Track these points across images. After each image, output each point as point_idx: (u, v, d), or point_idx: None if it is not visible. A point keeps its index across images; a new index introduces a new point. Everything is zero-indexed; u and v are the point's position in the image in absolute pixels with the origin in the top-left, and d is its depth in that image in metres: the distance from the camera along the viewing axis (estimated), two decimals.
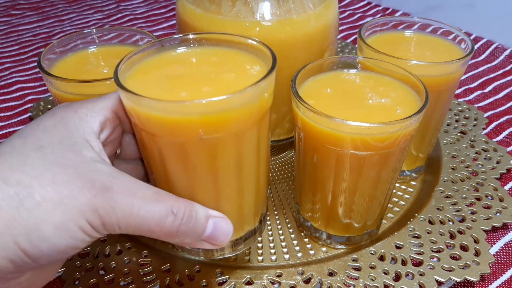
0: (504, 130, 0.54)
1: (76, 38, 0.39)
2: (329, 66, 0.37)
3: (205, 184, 0.28)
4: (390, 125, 0.30)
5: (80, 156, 0.25)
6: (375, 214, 0.37)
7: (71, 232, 0.23)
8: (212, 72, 0.29)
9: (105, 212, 0.24)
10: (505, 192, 0.43)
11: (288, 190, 0.45)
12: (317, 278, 0.35)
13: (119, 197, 0.24)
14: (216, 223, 0.28)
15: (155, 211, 0.25)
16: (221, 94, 0.24)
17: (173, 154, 0.27)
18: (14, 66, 0.68)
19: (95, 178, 0.24)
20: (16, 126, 0.56)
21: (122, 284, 0.35)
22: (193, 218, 0.26)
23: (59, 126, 0.26)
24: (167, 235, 0.26)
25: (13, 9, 0.86)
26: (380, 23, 0.45)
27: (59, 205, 0.23)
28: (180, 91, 0.28)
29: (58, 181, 0.23)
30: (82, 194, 0.23)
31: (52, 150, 0.24)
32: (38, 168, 0.23)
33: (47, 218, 0.22)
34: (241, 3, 0.37)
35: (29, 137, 0.25)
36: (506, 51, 0.71)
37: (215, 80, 0.29)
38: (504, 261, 0.39)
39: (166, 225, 0.25)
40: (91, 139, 0.26)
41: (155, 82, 0.29)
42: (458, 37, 0.43)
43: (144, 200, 0.25)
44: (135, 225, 0.25)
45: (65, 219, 0.23)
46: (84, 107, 0.27)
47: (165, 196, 0.26)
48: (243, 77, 0.29)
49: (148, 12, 0.87)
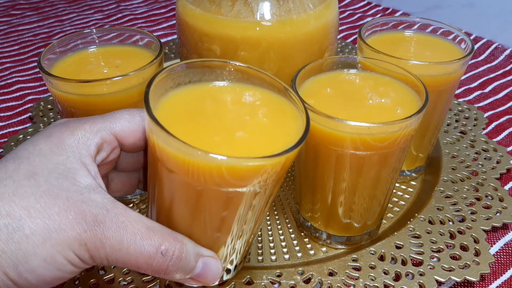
0: (504, 130, 0.54)
1: (76, 38, 0.39)
2: (329, 66, 0.37)
3: (205, 228, 0.28)
4: (390, 125, 0.30)
5: (74, 185, 0.25)
6: (375, 214, 0.37)
7: (58, 264, 0.24)
8: (248, 115, 0.29)
9: (94, 247, 0.24)
10: (505, 192, 0.43)
11: (288, 190, 0.45)
12: (317, 278, 0.35)
13: (109, 232, 0.24)
14: (206, 263, 0.28)
15: (144, 250, 0.25)
16: (254, 143, 0.24)
17: (184, 193, 0.27)
18: (14, 66, 0.68)
19: (87, 210, 0.24)
20: (16, 126, 0.56)
21: (122, 284, 0.35)
22: (182, 259, 0.26)
23: (55, 149, 0.25)
24: (155, 272, 0.26)
25: (13, 9, 0.86)
26: (380, 23, 0.45)
27: (47, 239, 0.23)
28: (213, 134, 0.27)
29: (49, 212, 0.23)
30: (72, 228, 0.23)
31: (46, 179, 0.24)
32: (29, 198, 0.23)
33: (35, 251, 0.23)
34: (241, 3, 0.37)
35: (24, 162, 0.25)
36: (506, 51, 0.71)
37: (250, 124, 0.28)
38: (504, 261, 0.39)
39: (154, 264, 0.25)
40: (87, 162, 0.26)
41: (188, 118, 0.28)
42: (458, 37, 0.43)
43: (135, 236, 0.25)
44: (123, 260, 0.25)
45: (53, 253, 0.23)
46: (82, 128, 0.27)
47: (156, 232, 0.26)
48: (277, 130, 0.28)
49: (148, 12, 0.87)
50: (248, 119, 0.28)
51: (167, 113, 0.28)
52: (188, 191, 0.26)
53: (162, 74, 0.28)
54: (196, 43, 0.40)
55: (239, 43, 0.38)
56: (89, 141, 0.27)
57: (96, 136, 0.27)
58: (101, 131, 0.27)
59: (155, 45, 0.40)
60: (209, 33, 0.38)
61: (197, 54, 0.41)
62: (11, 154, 0.26)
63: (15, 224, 0.23)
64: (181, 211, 0.28)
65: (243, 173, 0.24)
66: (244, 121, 0.28)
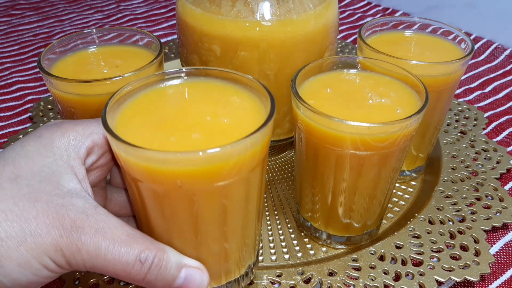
0: (504, 130, 0.54)
1: (76, 38, 0.39)
2: (329, 66, 0.37)
3: (183, 232, 0.27)
4: (390, 125, 0.30)
5: (57, 188, 0.24)
6: (375, 214, 0.37)
7: (33, 269, 0.23)
8: (205, 113, 0.28)
9: (70, 252, 0.24)
10: (505, 192, 0.43)
11: (288, 190, 0.45)
12: (317, 278, 0.35)
13: (86, 238, 0.24)
14: (189, 274, 0.27)
15: (122, 257, 0.24)
16: (209, 142, 0.24)
17: (153, 199, 0.26)
18: (14, 66, 0.68)
19: (66, 214, 0.24)
20: (16, 126, 0.56)
21: (122, 284, 0.35)
22: (162, 268, 0.25)
23: (42, 151, 0.25)
24: (134, 281, 0.25)
25: (13, 9, 0.86)
26: (380, 23, 0.45)
27: (22, 243, 0.23)
28: (169, 135, 0.27)
29: (26, 216, 0.23)
30: (47, 232, 0.23)
31: (28, 182, 0.24)
32: (8, 202, 0.23)
33: (10, 255, 0.23)
34: (241, 3, 0.37)
35: (9, 164, 0.24)
36: (506, 51, 0.71)
37: (207, 125, 0.27)
38: (504, 261, 0.39)
39: (132, 272, 0.25)
40: (75, 165, 0.26)
41: (145, 124, 0.28)
42: (458, 37, 0.43)
43: (113, 243, 0.24)
44: (101, 267, 0.24)
45: (28, 257, 0.23)
46: (74, 130, 0.26)
47: (137, 239, 0.25)
48: (236, 120, 0.28)
49: (148, 12, 0.87)
50: (207, 118, 0.28)
51: (125, 121, 0.27)
52: (155, 197, 0.26)
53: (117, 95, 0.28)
54: (196, 43, 0.40)
55: (239, 43, 0.38)
56: (80, 143, 0.26)
57: (87, 139, 0.27)
58: (92, 134, 0.27)
59: (155, 45, 0.40)
60: (209, 33, 0.38)
61: (197, 54, 0.41)
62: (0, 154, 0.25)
63: None
64: (155, 219, 0.27)
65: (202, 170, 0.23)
66: (202, 119, 0.28)
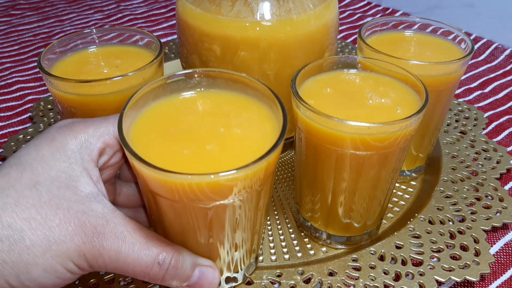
0: (504, 130, 0.54)
1: (76, 38, 0.39)
2: (329, 66, 0.37)
3: (198, 240, 0.28)
4: (390, 125, 0.30)
5: (76, 194, 0.25)
6: (375, 214, 0.37)
7: (58, 273, 0.24)
8: (217, 124, 0.29)
9: (92, 257, 0.25)
10: (505, 192, 0.43)
11: (288, 190, 0.45)
12: (317, 278, 0.35)
13: (108, 243, 0.25)
14: (203, 272, 0.29)
15: (142, 260, 0.26)
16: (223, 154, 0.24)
17: (169, 211, 0.27)
18: (14, 66, 0.68)
19: (87, 221, 0.25)
20: (16, 126, 0.56)
21: (122, 284, 0.35)
22: (179, 268, 0.27)
23: (57, 155, 0.26)
24: (152, 280, 0.27)
25: (13, 9, 0.86)
26: (380, 23, 0.45)
27: (47, 250, 0.24)
28: (182, 147, 0.27)
29: (49, 224, 0.24)
30: (71, 239, 0.24)
31: (48, 188, 0.25)
32: (30, 210, 0.24)
33: (36, 262, 0.23)
34: (241, 3, 0.37)
35: (26, 170, 0.25)
36: (506, 51, 0.71)
37: (220, 136, 0.28)
38: (504, 261, 0.39)
39: (151, 273, 0.26)
40: (89, 168, 0.27)
41: (159, 135, 0.28)
42: (458, 37, 0.43)
43: (133, 246, 0.25)
44: (121, 269, 0.26)
45: (53, 263, 0.24)
46: (85, 132, 0.27)
47: (154, 242, 0.26)
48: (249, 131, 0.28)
49: (148, 12, 0.87)
50: (220, 129, 0.28)
51: (139, 133, 0.28)
52: (171, 209, 0.27)
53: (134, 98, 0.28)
54: (196, 43, 0.40)
55: (239, 43, 0.38)
56: (92, 145, 0.27)
57: (98, 140, 0.27)
58: (103, 136, 0.27)
59: (155, 45, 0.40)
60: (209, 33, 0.38)
61: (197, 54, 0.41)
62: (14, 159, 0.26)
63: (17, 236, 0.23)
64: (172, 226, 0.28)
65: (217, 188, 0.24)
66: (216, 131, 0.28)
